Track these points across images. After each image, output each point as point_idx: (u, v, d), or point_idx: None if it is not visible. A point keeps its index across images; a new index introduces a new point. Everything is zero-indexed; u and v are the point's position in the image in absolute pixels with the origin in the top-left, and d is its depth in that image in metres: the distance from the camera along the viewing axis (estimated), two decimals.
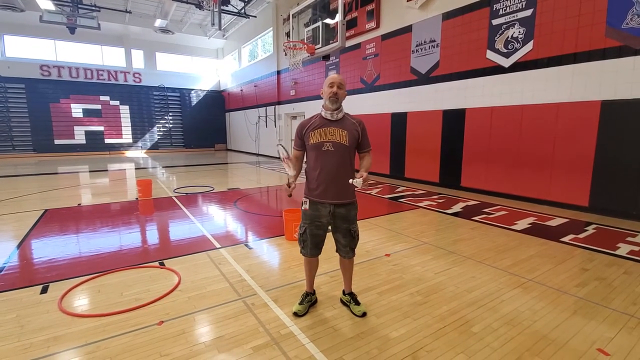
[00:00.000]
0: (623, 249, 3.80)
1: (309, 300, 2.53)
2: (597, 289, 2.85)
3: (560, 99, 5.58)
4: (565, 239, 4.16)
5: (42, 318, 2.41)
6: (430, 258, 3.56)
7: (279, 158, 2.54)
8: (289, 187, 2.31)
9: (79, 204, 6.26)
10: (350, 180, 2.08)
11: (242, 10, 13.96)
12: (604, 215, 5.15)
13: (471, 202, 6.22)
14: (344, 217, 2.34)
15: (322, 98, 2.34)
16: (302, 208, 2.41)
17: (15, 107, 15.98)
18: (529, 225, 4.74)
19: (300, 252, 2.49)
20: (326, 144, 2.26)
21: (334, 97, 2.24)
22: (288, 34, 9.87)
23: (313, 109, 12.00)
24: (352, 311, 2.48)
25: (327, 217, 2.34)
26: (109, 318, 2.42)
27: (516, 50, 6.12)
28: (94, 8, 13.35)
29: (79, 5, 12.96)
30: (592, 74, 5.19)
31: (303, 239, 2.41)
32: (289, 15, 8.41)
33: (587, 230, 4.52)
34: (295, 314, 2.42)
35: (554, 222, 4.88)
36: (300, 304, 2.48)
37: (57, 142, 16.97)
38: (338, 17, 6.69)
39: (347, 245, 2.41)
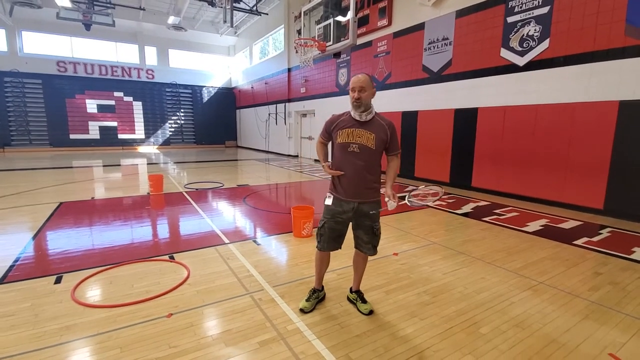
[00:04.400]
0: (638, 253, 3.70)
1: (316, 297, 2.54)
2: (611, 294, 2.79)
3: (577, 99, 5.44)
4: (579, 241, 4.07)
5: (56, 307, 2.48)
6: (439, 258, 3.53)
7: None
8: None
9: (93, 198, 6.39)
10: (387, 202, 2.17)
11: (254, 8, 14.03)
12: (620, 218, 5.02)
13: (482, 203, 6.14)
14: (367, 215, 2.32)
15: (333, 95, 2.33)
16: (325, 203, 2.40)
17: (33, 102, 16.37)
18: (541, 227, 4.65)
19: (316, 246, 2.48)
20: (352, 145, 2.25)
21: (356, 102, 2.22)
22: (299, 32, 9.88)
23: (324, 106, 11.98)
24: (358, 309, 2.47)
25: (349, 214, 2.32)
26: (120, 309, 2.47)
27: (531, 48, 5.99)
28: (108, 5, 13.59)
29: (95, 2, 13.20)
30: (611, 74, 5.05)
31: (320, 232, 2.41)
32: (300, 13, 8.41)
33: (601, 233, 4.41)
34: (302, 311, 2.43)
35: (567, 225, 4.78)
36: (307, 300, 2.49)
37: (72, 136, 17.34)
38: (350, 15, 6.67)
39: (369, 242, 2.39)
